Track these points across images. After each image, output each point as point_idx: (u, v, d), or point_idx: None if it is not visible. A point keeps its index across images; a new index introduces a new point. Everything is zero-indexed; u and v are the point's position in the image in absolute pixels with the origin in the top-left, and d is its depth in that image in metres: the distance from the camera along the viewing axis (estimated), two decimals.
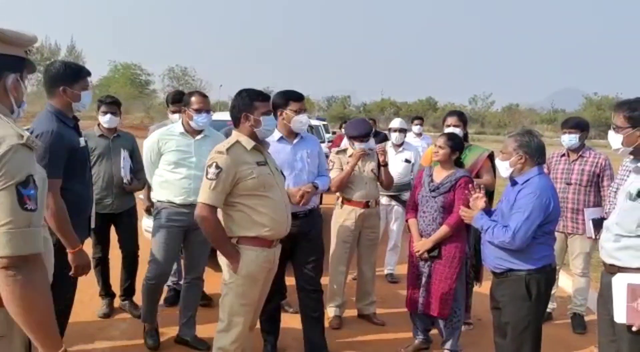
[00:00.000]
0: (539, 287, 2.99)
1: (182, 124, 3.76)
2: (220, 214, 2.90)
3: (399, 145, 5.62)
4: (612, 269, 2.67)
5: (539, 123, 66.74)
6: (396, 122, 5.75)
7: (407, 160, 5.52)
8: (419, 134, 7.63)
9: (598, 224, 4.00)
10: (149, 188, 4.21)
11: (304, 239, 3.62)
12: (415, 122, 7.73)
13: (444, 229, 3.67)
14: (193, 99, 3.71)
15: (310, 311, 3.73)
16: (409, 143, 5.98)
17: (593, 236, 4.11)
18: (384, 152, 4.40)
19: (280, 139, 3.62)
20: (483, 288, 4.47)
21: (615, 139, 2.67)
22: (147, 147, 3.80)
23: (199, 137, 3.74)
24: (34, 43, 1.83)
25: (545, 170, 4.48)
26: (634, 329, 2.51)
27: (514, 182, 3.08)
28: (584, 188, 4.32)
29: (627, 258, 2.59)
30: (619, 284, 2.58)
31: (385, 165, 4.41)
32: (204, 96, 3.80)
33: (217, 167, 2.78)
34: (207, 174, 2.81)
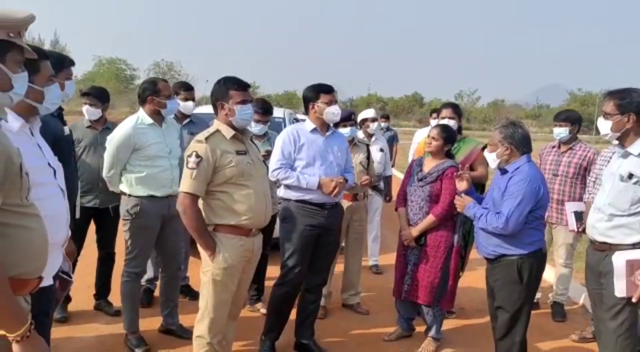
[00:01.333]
0: (531, 271, 3.08)
1: (147, 114, 3.64)
2: (199, 203, 2.90)
3: (372, 135, 5.48)
4: (603, 247, 2.84)
5: (524, 118, 67.07)
6: (371, 112, 5.59)
7: (381, 149, 5.46)
8: None
9: (579, 217, 4.07)
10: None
11: (327, 233, 3.64)
12: (434, 115, 7.39)
13: (430, 219, 3.71)
14: (160, 86, 3.66)
15: (311, 302, 3.77)
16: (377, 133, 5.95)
17: (575, 229, 4.17)
18: (369, 182, 4.44)
19: (314, 130, 3.67)
20: (466, 278, 4.53)
21: (604, 125, 2.85)
22: (117, 142, 3.54)
23: (165, 125, 3.71)
24: (26, 25, 1.64)
25: (538, 160, 4.57)
26: (633, 300, 2.70)
27: (503, 171, 3.17)
28: (569, 180, 4.38)
29: (619, 235, 2.77)
30: (619, 261, 2.75)
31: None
32: (166, 81, 3.83)
33: (197, 156, 2.80)
34: (187, 163, 2.82)
